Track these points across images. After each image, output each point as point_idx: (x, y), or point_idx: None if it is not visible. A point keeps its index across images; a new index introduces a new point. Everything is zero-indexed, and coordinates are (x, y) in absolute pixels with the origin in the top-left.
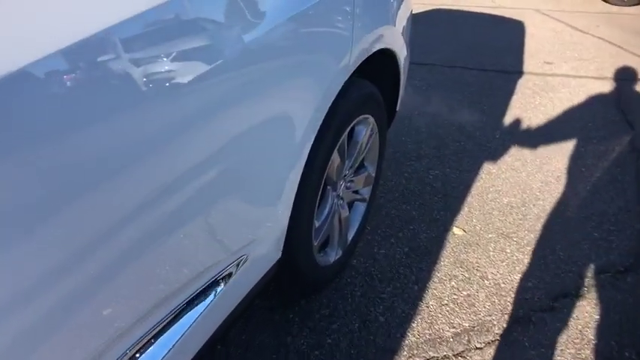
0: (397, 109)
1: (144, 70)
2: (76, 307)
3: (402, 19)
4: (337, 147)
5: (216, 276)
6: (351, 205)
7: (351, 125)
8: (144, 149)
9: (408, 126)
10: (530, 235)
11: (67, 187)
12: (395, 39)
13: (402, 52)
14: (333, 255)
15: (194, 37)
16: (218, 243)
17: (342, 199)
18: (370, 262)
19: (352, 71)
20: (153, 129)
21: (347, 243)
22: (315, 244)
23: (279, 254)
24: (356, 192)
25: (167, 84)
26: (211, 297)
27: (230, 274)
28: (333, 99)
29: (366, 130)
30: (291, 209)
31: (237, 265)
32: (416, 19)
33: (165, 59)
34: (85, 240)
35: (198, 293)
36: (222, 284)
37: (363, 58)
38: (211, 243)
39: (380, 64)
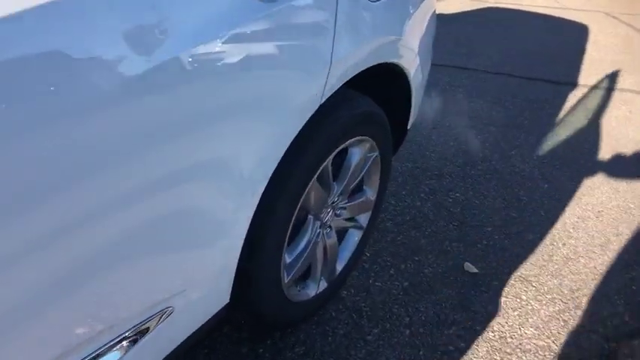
0: (408, 127)
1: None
2: None
3: (414, 28)
4: (316, 175)
5: (122, 334)
6: (343, 232)
7: (339, 149)
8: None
9: (435, 138)
10: (552, 282)
11: None
12: (402, 51)
13: (412, 66)
14: (314, 288)
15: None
16: (126, 297)
17: (329, 227)
18: (362, 296)
19: (330, 93)
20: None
21: (335, 274)
22: (286, 280)
23: (227, 299)
24: (351, 219)
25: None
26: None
27: (147, 329)
28: (298, 130)
29: (362, 153)
30: (239, 251)
31: (159, 318)
32: (464, 18)
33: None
34: None
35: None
36: (131, 343)
37: (350, 77)
38: (117, 297)
39: (387, 79)
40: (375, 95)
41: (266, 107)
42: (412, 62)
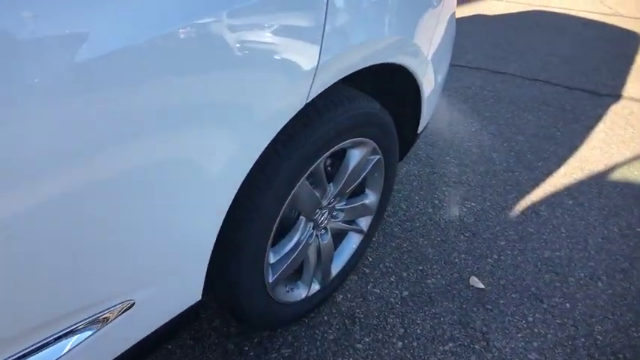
0: (418, 132)
1: None
2: None
3: (426, 28)
4: (306, 175)
5: (80, 322)
6: (342, 235)
7: (334, 149)
8: None
9: (458, 143)
10: (565, 305)
11: None
12: (410, 53)
13: (422, 69)
14: (305, 290)
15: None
16: (83, 284)
17: (324, 229)
18: (357, 302)
19: (320, 92)
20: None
21: (329, 276)
22: (271, 280)
23: (199, 297)
24: (350, 222)
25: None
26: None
27: (106, 319)
28: (279, 128)
29: (361, 155)
30: (211, 246)
31: (120, 311)
32: (507, 20)
33: None
34: None
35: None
36: (88, 331)
37: (343, 76)
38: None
39: (399, 81)
40: (387, 97)
41: (242, 102)
42: (422, 64)
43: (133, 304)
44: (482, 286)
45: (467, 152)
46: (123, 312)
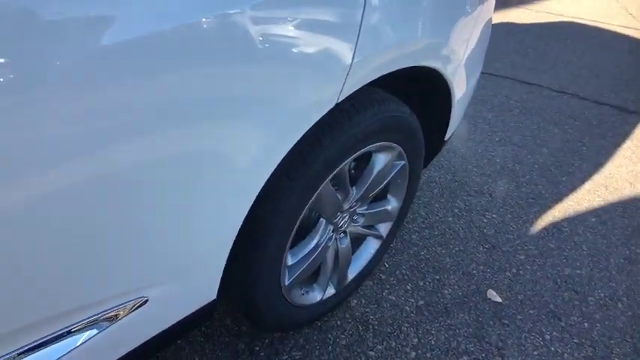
0: (446, 139)
1: None
2: None
3: (462, 32)
4: (330, 177)
5: (92, 317)
6: (360, 240)
7: (360, 152)
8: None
9: (482, 153)
10: (583, 324)
11: None
12: (444, 56)
13: (455, 74)
14: (321, 294)
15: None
16: (95, 279)
17: (343, 232)
18: (372, 308)
19: (351, 92)
20: None
21: (345, 281)
22: (287, 282)
23: (214, 296)
24: (369, 227)
25: None
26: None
27: (116, 316)
28: (306, 127)
29: (387, 160)
30: (230, 245)
31: (132, 307)
32: (537, 30)
33: None
34: None
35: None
36: (101, 326)
37: (376, 77)
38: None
39: (429, 85)
40: (416, 101)
41: (270, 100)
42: (455, 69)
43: (147, 302)
44: (499, 299)
45: (490, 162)
46: (135, 309)
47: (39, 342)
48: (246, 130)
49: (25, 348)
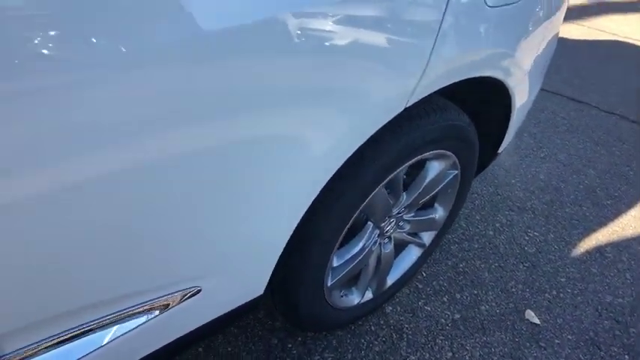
0: (499, 151)
1: None
2: None
3: (531, 45)
4: (385, 181)
5: (145, 303)
6: (402, 246)
7: (417, 159)
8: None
9: (526, 168)
10: (624, 356)
11: None
12: (511, 68)
13: (519, 86)
14: (359, 297)
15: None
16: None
17: (388, 238)
18: (407, 317)
19: (420, 98)
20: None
21: (384, 287)
22: (330, 283)
23: (261, 291)
24: (413, 234)
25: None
26: (136, 323)
27: (167, 305)
28: (374, 129)
29: (440, 168)
30: (284, 243)
31: (184, 296)
32: (588, 48)
33: None
34: None
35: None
36: (153, 313)
37: (445, 84)
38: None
39: (489, 95)
40: (472, 110)
41: (346, 95)
42: (520, 82)
43: (199, 291)
44: (537, 321)
45: (533, 178)
46: (188, 298)
47: (91, 325)
48: (318, 125)
49: (81, 330)
